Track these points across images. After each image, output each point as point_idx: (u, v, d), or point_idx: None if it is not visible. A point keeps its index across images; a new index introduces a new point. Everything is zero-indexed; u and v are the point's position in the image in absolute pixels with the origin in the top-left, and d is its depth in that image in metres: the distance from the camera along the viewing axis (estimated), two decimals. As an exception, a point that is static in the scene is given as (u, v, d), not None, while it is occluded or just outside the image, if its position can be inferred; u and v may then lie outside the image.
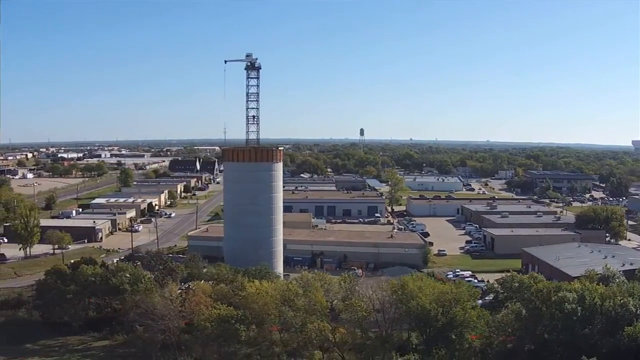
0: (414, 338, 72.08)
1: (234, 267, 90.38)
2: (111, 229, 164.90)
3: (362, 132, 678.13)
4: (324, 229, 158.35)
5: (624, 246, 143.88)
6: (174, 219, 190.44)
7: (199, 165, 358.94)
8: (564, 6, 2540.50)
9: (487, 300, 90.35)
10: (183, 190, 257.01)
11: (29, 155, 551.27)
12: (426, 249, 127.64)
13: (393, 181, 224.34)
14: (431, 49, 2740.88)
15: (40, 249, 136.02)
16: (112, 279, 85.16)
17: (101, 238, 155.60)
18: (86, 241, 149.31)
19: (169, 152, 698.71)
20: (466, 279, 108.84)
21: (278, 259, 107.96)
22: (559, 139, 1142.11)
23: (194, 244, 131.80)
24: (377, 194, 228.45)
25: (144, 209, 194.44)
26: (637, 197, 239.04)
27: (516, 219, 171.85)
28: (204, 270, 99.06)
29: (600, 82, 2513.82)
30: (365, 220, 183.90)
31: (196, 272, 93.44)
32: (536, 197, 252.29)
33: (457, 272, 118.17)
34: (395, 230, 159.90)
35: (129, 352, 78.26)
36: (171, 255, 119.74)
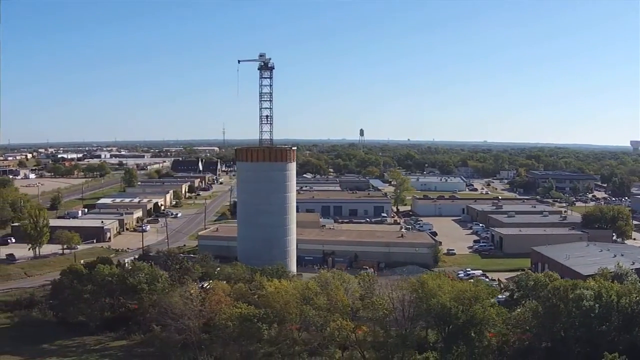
0: (431, 336, 72.70)
1: (250, 266, 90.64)
2: (119, 229, 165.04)
3: (361, 132, 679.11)
4: (332, 228, 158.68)
5: (631, 245, 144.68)
6: (180, 219, 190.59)
7: (201, 165, 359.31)
8: (563, 5, 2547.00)
9: (501, 298, 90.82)
10: (187, 190, 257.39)
11: (28, 155, 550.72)
12: (437, 248, 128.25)
13: (398, 181, 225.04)
14: (429, 49, 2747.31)
15: (48, 249, 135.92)
16: (129, 278, 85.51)
17: (109, 238, 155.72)
18: (95, 241, 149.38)
19: (168, 152, 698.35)
20: (477, 277, 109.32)
21: (291, 258, 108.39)
22: (556, 139, 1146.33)
23: (204, 244, 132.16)
24: (382, 194, 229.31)
25: (150, 209, 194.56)
26: (639, 197, 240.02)
27: (522, 218, 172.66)
28: (217, 269, 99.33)
29: (597, 82, 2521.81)
30: (372, 220, 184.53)
31: (212, 271, 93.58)
32: (539, 197, 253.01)
33: (467, 271, 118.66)
34: (403, 230, 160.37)
35: (147, 351, 78.36)
36: (182, 255, 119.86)
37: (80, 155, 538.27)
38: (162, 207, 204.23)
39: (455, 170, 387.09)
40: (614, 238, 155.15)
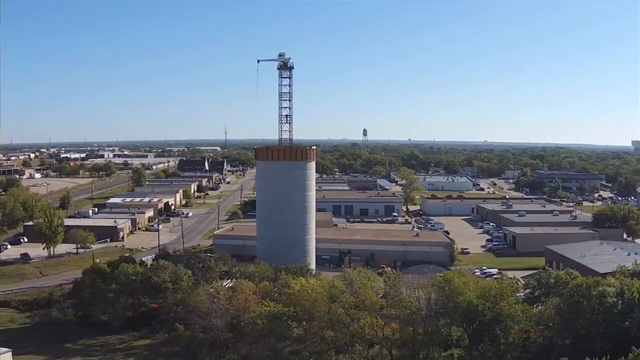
0: (454, 333, 73.25)
1: (273, 265, 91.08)
2: (131, 229, 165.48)
3: (365, 132, 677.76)
4: (344, 227, 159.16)
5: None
6: (191, 218, 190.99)
7: (207, 165, 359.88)
8: (563, 4, 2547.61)
9: (521, 296, 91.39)
10: (196, 190, 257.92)
11: (31, 155, 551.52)
12: (452, 247, 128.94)
13: (408, 180, 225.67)
14: (430, 48, 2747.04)
15: (62, 249, 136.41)
16: (153, 277, 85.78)
17: (123, 237, 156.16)
18: (108, 240, 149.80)
19: (170, 152, 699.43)
20: (494, 276, 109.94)
21: (311, 257, 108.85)
22: (556, 139, 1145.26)
23: (219, 243, 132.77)
24: (392, 194, 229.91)
25: (161, 208, 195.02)
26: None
27: (533, 218, 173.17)
28: (235, 269, 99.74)
29: (597, 82, 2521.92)
30: (383, 220, 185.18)
31: (235, 270, 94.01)
32: (546, 197, 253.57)
33: (484, 269, 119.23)
34: (416, 229, 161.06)
35: (172, 350, 78.84)
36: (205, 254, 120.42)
37: (84, 155, 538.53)
38: (173, 207, 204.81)
39: (460, 170, 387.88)
40: (625, 237, 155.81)
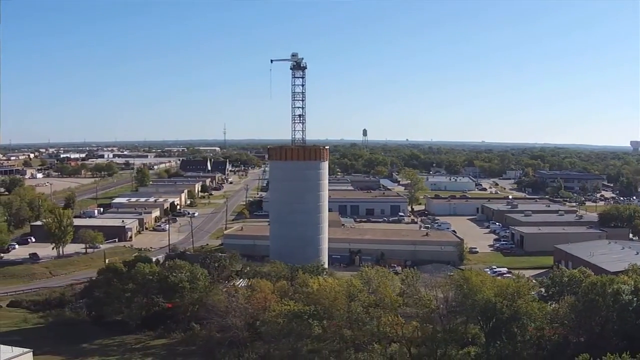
0: (470, 330, 73.67)
1: (289, 264, 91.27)
2: (139, 228, 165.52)
3: (364, 132, 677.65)
4: (352, 227, 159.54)
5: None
6: (198, 218, 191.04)
7: (209, 165, 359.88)
8: (561, 4, 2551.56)
9: (534, 294, 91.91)
10: (200, 190, 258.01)
11: (31, 155, 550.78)
12: (462, 246, 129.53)
13: (413, 180, 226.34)
14: (429, 48, 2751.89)
15: (71, 249, 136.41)
16: (170, 277, 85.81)
17: (130, 237, 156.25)
18: (117, 240, 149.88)
19: (170, 152, 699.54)
20: (504, 275, 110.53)
21: (324, 256, 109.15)
22: (554, 140, 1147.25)
23: (229, 243, 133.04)
24: (396, 194, 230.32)
25: (167, 208, 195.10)
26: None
27: (539, 217, 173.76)
28: (247, 268, 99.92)
29: (595, 82, 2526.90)
30: (389, 220, 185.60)
31: (249, 270, 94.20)
32: (549, 197, 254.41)
33: (494, 268, 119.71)
34: (423, 229, 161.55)
35: (189, 350, 78.73)
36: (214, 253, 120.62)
37: (84, 155, 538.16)
38: (178, 207, 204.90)
39: (462, 170, 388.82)
40: (631, 237, 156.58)
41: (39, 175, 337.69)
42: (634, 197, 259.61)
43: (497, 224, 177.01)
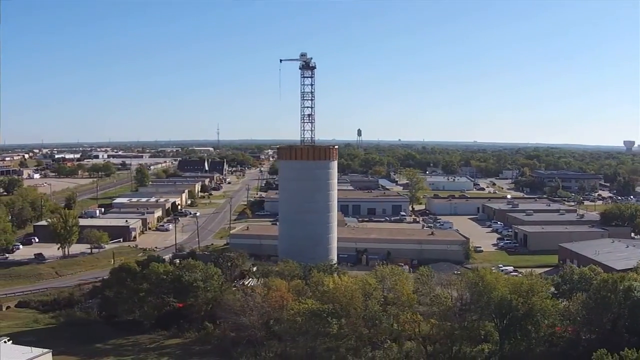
0: (485, 328, 74.42)
1: (302, 263, 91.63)
2: (142, 229, 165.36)
3: (359, 132, 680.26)
4: (356, 227, 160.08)
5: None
6: (200, 218, 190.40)
7: (207, 165, 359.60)
8: (552, 4, 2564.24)
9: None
10: (200, 190, 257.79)
11: (25, 156, 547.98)
12: (468, 245, 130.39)
13: (414, 180, 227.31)
14: (420, 49, 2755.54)
15: (76, 249, 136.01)
16: (184, 276, 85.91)
17: (134, 237, 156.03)
18: (121, 240, 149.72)
19: (163, 152, 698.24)
20: (511, 274, 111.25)
21: (333, 255, 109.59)
22: (547, 139, 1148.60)
23: (235, 242, 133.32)
24: (396, 193, 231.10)
25: (169, 208, 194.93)
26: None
27: (540, 216, 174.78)
28: (254, 268, 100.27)
29: (588, 82, 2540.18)
30: (391, 219, 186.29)
31: (262, 268, 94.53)
32: (547, 197, 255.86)
33: (500, 267, 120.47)
34: (426, 228, 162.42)
35: (204, 349, 78.78)
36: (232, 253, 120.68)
37: (78, 156, 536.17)
38: (180, 207, 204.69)
39: (458, 170, 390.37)
40: (632, 235, 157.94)
41: (36, 176, 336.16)
42: (632, 197, 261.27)
43: (499, 223, 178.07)
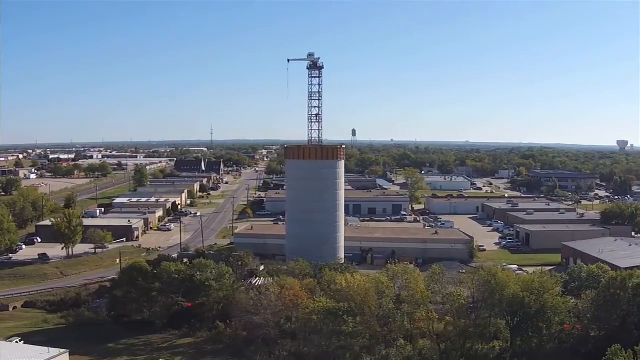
0: (497, 325, 75.02)
1: (313, 262, 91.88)
2: (144, 228, 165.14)
3: (354, 132, 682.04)
4: (359, 226, 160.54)
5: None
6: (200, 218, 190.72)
7: (204, 165, 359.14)
8: (546, 5, 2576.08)
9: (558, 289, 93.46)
10: (199, 190, 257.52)
11: (20, 156, 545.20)
12: (472, 244, 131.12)
13: (413, 180, 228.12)
14: (413, 49, 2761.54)
15: (79, 249, 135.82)
16: (196, 275, 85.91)
17: (137, 237, 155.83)
18: (125, 240, 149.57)
19: (157, 153, 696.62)
20: (516, 272, 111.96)
21: (341, 254, 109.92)
22: (541, 139, 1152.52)
23: (239, 242, 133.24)
24: (396, 193, 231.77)
25: (169, 208, 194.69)
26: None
27: (540, 216, 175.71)
28: (262, 267, 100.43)
29: (582, 82, 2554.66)
30: (392, 219, 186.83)
31: (272, 267, 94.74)
32: (544, 196, 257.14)
33: (504, 266, 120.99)
34: (428, 227, 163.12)
35: (216, 348, 78.84)
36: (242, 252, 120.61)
37: (73, 156, 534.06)
38: (180, 207, 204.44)
39: (455, 169, 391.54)
40: (633, 234, 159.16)
41: (32, 176, 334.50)
42: (629, 196, 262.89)
43: (500, 222, 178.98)
